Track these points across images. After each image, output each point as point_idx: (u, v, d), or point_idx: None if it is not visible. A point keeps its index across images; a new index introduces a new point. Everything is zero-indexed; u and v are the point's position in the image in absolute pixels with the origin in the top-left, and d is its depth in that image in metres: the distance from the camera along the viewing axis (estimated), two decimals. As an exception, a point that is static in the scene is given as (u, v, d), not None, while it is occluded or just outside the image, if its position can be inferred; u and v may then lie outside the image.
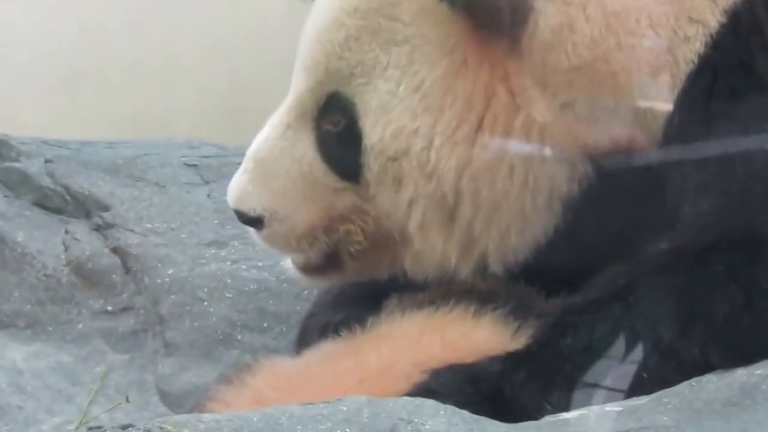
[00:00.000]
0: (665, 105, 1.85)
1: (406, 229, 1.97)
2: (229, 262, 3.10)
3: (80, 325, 3.06)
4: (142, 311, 3.07)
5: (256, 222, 2.03)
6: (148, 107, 5.58)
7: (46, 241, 3.27)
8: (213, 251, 3.15)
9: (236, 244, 3.15)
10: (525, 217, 1.93)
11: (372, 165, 1.90)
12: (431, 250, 1.97)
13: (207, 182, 3.54)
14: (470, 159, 1.84)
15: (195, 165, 3.62)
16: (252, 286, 3.01)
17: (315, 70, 1.94)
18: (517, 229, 1.94)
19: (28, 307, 3.11)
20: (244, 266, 3.06)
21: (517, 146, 1.84)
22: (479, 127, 1.85)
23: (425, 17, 1.85)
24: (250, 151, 2.03)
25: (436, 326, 2.21)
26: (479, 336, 2.19)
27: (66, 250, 3.24)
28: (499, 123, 1.85)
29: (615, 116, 1.83)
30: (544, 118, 1.83)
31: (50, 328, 3.06)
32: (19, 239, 3.26)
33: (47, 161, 3.60)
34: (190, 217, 3.31)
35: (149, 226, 3.27)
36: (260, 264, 3.03)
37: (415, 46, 1.86)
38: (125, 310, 3.09)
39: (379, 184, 1.91)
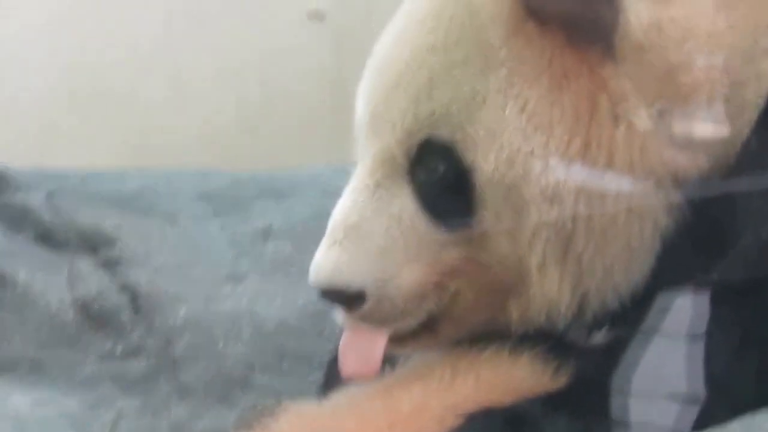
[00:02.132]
0: (744, 124, 1.85)
1: (524, 269, 1.92)
2: (245, 300, 3.10)
3: (88, 369, 3.05)
4: (153, 353, 3.06)
5: (355, 298, 1.94)
6: (152, 135, 5.61)
7: (50, 280, 3.27)
8: (228, 288, 3.16)
9: (253, 280, 3.16)
10: (630, 250, 1.90)
11: (488, 200, 1.85)
12: (547, 291, 1.93)
13: (220, 214, 3.54)
14: (584, 177, 1.83)
15: (207, 196, 3.64)
16: (271, 325, 3.02)
17: (400, 121, 1.91)
18: (622, 264, 1.90)
19: (32, 350, 3.10)
20: (262, 303, 3.07)
21: (622, 161, 1.83)
22: (587, 142, 1.84)
23: (515, 37, 1.85)
24: (335, 222, 1.95)
25: (470, 366, 2.20)
26: (517, 376, 2.18)
27: (71, 288, 3.24)
28: (604, 135, 1.84)
29: (697, 133, 1.83)
30: (645, 127, 1.82)
31: (55, 373, 3.06)
32: (20, 278, 3.25)
33: (49, 194, 3.59)
34: (203, 252, 3.32)
35: (160, 261, 3.27)
36: (279, 301, 3.04)
37: (511, 68, 1.85)
38: (135, 352, 3.08)
39: (498, 220, 1.88)
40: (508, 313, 1.99)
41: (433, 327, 2.02)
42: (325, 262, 1.94)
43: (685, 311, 1.89)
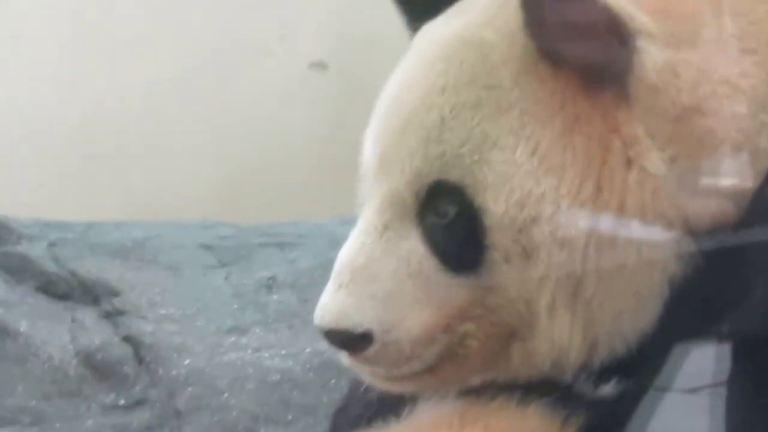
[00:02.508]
0: (757, 172, 1.85)
1: (532, 313, 1.91)
2: (250, 351, 3.11)
3: (90, 421, 3.04)
4: (157, 405, 3.05)
5: (361, 340, 1.91)
6: (153, 185, 5.64)
7: (52, 330, 3.27)
8: (232, 339, 3.16)
9: (257, 330, 3.17)
10: (639, 297, 1.88)
11: (498, 243, 1.83)
12: (556, 336, 1.90)
13: (224, 265, 3.55)
14: (595, 221, 1.83)
15: (210, 246, 3.64)
16: (275, 376, 3.02)
17: (410, 162, 1.90)
18: (631, 310, 1.89)
19: (34, 402, 3.09)
20: (266, 354, 3.08)
21: (634, 206, 1.83)
22: (599, 185, 1.84)
23: (527, 78, 1.84)
24: (341, 264, 1.92)
25: (478, 416, 2.20)
26: (525, 426, 2.18)
27: (73, 339, 3.24)
28: (617, 179, 1.83)
29: (710, 179, 1.84)
30: (657, 171, 1.82)
31: (58, 425, 3.04)
32: (22, 328, 3.25)
33: (51, 244, 3.61)
34: (206, 303, 3.33)
35: (163, 312, 3.28)
36: (284, 352, 3.04)
37: (523, 110, 1.84)
38: (139, 404, 3.07)
39: (507, 264, 1.85)
40: (511, 357, 1.98)
41: (435, 369, 2.01)
42: (331, 304, 1.88)
43: (703, 363, 1.89)
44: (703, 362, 1.93)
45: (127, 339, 3.23)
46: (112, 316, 3.32)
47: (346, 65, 6.26)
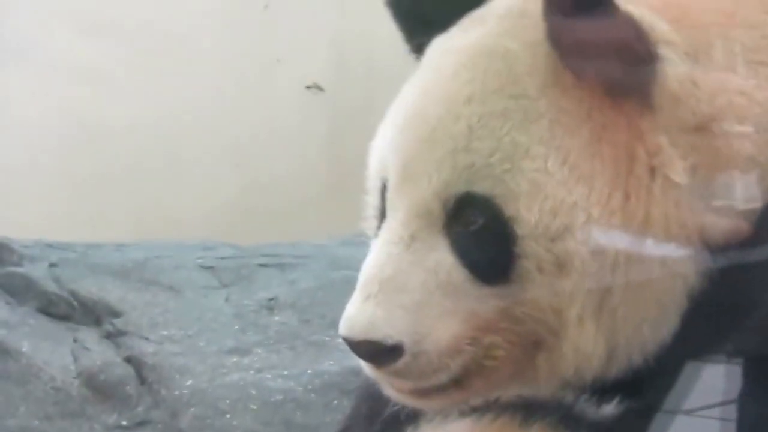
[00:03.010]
0: None
1: (560, 323, 1.90)
2: (252, 371, 3.10)
3: (93, 442, 3.06)
4: (159, 426, 3.05)
5: (391, 351, 1.89)
6: (153, 207, 5.65)
7: (54, 351, 3.26)
8: (234, 360, 3.16)
9: (259, 351, 3.16)
10: (661, 307, 1.88)
11: (531, 252, 1.82)
12: (582, 345, 1.90)
13: (225, 285, 3.56)
14: (625, 230, 1.82)
15: (211, 267, 3.65)
16: (278, 397, 3.01)
17: (437, 173, 1.88)
18: (652, 321, 1.88)
19: (36, 422, 3.09)
20: (268, 375, 3.07)
21: (659, 215, 1.83)
22: (627, 194, 1.84)
23: (553, 88, 1.84)
24: (368, 276, 1.89)
25: (481, 437, 2.21)
26: (528, 447, 2.20)
27: (75, 360, 3.24)
28: (642, 188, 1.83)
29: (726, 190, 1.84)
30: (681, 180, 1.82)
31: (60, 446, 3.05)
32: (23, 349, 3.25)
33: (52, 265, 3.62)
34: (208, 323, 3.33)
35: (165, 333, 3.28)
36: (286, 373, 3.04)
37: (552, 119, 1.83)
38: (141, 424, 3.06)
39: (540, 274, 1.85)
40: (538, 367, 1.96)
41: (461, 382, 1.99)
42: (360, 315, 1.87)
43: (715, 381, 1.89)
44: (713, 380, 1.94)
45: (129, 360, 3.23)
46: (113, 336, 3.32)
47: (342, 88, 6.28)
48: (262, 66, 6.17)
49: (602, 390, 2.13)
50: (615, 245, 1.79)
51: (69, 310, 3.45)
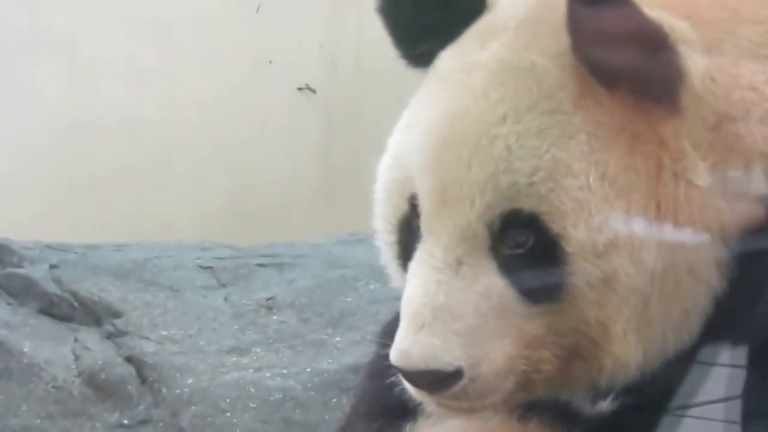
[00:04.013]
0: None
1: (606, 335, 1.91)
2: (251, 370, 3.12)
3: (94, 441, 3.08)
4: (160, 424, 3.08)
5: (449, 378, 1.89)
6: (145, 210, 5.66)
7: (55, 351, 3.29)
8: (234, 359, 3.18)
9: (258, 350, 3.18)
10: (686, 312, 1.89)
11: (579, 269, 1.81)
12: (623, 355, 1.92)
13: (224, 285, 3.58)
14: (662, 240, 1.83)
15: (210, 267, 3.66)
16: (277, 395, 3.03)
17: (479, 195, 1.86)
18: (678, 327, 1.91)
19: (38, 421, 3.11)
20: (268, 374, 3.09)
21: (685, 221, 1.84)
22: (658, 203, 1.85)
23: (586, 102, 1.82)
24: (420, 305, 1.86)
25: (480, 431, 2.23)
26: (525, 442, 2.21)
27: (76, 359, 3.26)
28: (670, 195, 1.83)
29: (743, 187, 1.85)
30: (703, 182, 1.83)
31: (61, 444, 3.07)
32: (25, 349, 3.27)
33: (52, 266, 3.64)
34: (207, 323, 3.35)
35: (165, 333, 3.30)
36: (285, 372, 3.06)
37: (589, 134, 1.80)
38: (142, 423, 3.09)
39: (588, 289, 1.85)
40: (574, 376, 1.95)
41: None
42: (416, 346, 1.84)
43: (721, 371, 1.90)
44: (717, 377, 1.95)
45: (130, 359, 3.25)
46: (114, 336, 3.34)
47: (333, 90, 6.30)
48: (254, 68, 6.19)
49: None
50: (653, 257, 1.80)
51: (70, 311, 3.47)
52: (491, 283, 1.81)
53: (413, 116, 1.96)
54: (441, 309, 1.79)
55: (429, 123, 1.88)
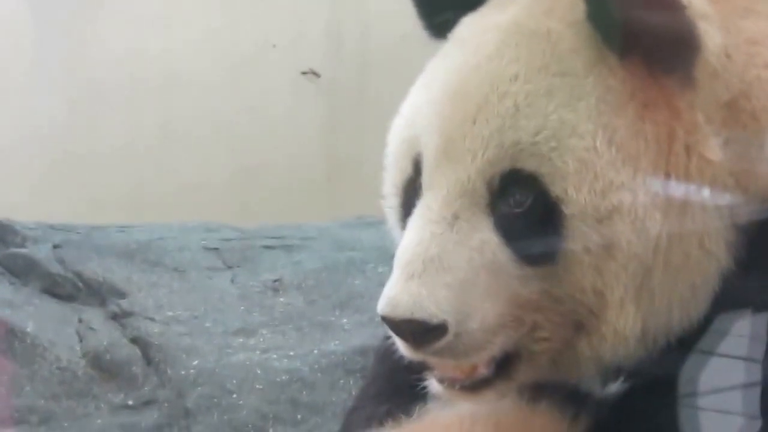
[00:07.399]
0: None
1: (601, 304, 1.91)
2: (258, 352, 3.13)
3: (99, 421, 3.06)
4: (165, 405, 3.08)
5: (434, 331, 1.88)
6: (148, 189, 5.67)
7: (59, 332, 3.29)
8: (240, 340, 3.18)
9: (265, 332, 3.18)
10: (694, 289, 1.90)
11: (578, 233, 1.81)
12: (621, 327, 1.91)
13: (230, 266, 3.59)
14: (668, 210, 1.83)
15: (215, 248, 3.67)
16: (284, 377, 3.03)
17: (482, 150, 1.87)
18: (685, 303, 1.90)
19: (42, 401, 3.12)
20: (274, 355, 3.09)
21: (696, 195, 1.84)
22: (668, 173, 1.84)
23: (599, 67, 1.83)
24: (411, 255, 1.87)
25: (488, 414, 2.23)
26: (535, 424, 2.21)
27: (81, 340, 3.27)
28: (681, 167, 1.84)
29: (755, 167, 1.85)
30: (716, 157, 1.83)
31: (66, 424, 3.07)
32: (29, 329, 3.28)
33: (55, 246, 3.65)
34: (214, 304, 3.35)
35: (170, 314, 3.30)
36: (292, 353, 3.06)
37: (599, 97, 1.82)
38: (148, 403, 3.10)
39: (586, 254, 1.85)
40: (579, 352, 1.95)
41: (508, 371, 1.98)
42: (404, 295, 1.85)
43: (743, 335, 1.89)
44: (744, 334, 1.94)
45: (135, 340, 3.26)
46: (119, 317, 3.35)
47: (337, 73, 6.30)
48: (258, 51, 6.19)
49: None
50: (657, 226, 1.80)
51: (74, 291, 3.48)
52: (486, 239, 1.84)
53: (428, 77, 1.98)
54: (432, 260, 1.80)
55: (440, 81, 1.89)
